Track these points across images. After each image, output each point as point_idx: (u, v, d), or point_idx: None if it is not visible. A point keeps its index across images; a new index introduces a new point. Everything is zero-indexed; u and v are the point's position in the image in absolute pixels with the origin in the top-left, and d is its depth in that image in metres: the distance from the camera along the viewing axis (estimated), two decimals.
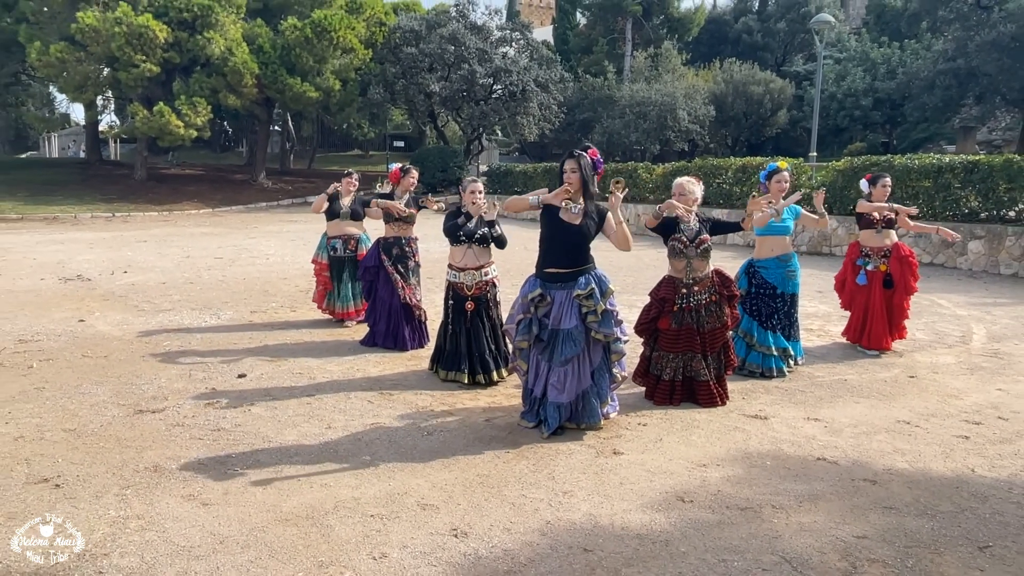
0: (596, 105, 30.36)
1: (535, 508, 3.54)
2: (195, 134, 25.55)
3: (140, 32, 23.48)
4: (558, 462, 4.10)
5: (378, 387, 5.45)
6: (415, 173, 6.76)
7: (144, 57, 23.86)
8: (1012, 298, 9.30)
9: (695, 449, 4.31)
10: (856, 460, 4.16)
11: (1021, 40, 20.26)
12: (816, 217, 6.06)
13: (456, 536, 3.26)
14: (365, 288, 6.84)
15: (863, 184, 6.64)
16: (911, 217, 6.64)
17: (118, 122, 39.48)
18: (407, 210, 6.54)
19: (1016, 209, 11.59)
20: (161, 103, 24.60)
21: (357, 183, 7.50)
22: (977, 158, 12.35)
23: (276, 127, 38.77)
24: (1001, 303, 8.98)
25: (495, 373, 5.52)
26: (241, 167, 35.45)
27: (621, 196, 4.32)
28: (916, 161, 12.90)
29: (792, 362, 5.94)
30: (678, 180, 5.20)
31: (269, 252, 14.23)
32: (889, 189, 6.52)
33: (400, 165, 6.73)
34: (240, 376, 5.70)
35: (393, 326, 6.57)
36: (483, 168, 31.00)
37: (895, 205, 6.55)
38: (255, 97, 26.64)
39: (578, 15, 38.06)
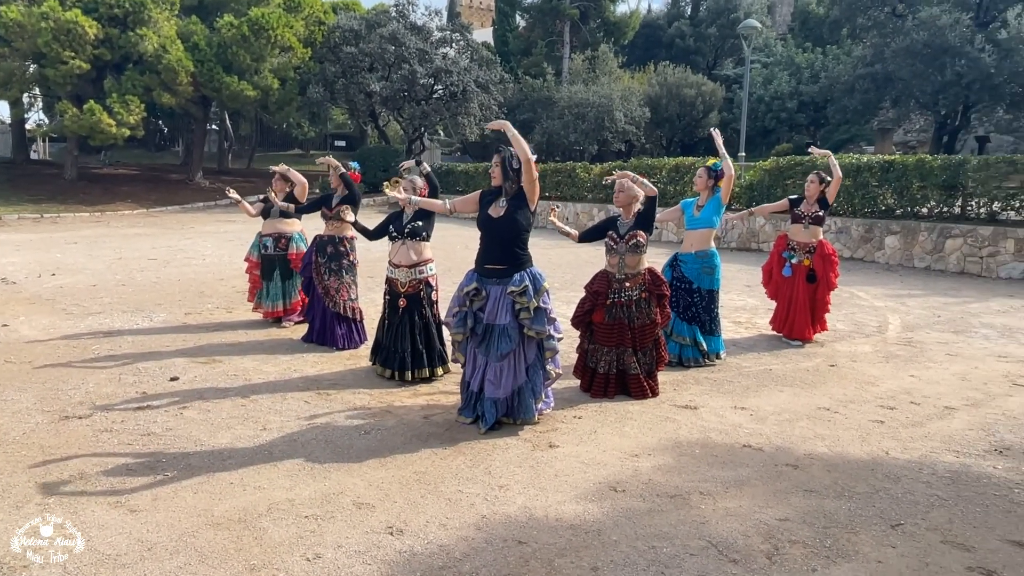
0: (536, 106, 30.61)
1: (471, 503, 3.58)
2: (128, 133, 24.74)
3: (68, 28, 22.62)
4: (495, 457, 4.15)
5: (315, 387, 5.41)
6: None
7: (73, 54, 22.99)
8: (925, 290, 9.80)
9: (628, 440, 4.43)
10: (779, 446, 4.34)
11: (933, 47, 21.30)
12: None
13: (391, 534, 3.28)
14: (304, 284, 6.87)
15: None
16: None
17: (47, 120, 37.78)
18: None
19: (928, 206, 12.21)
20: (92, 101, 23.73)
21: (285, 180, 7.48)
22: (892, 158, 12.96)
23: (213, 126, 37.78)
24: (915, 295, 9.45)
25: (426, 371, 5.51)
26: (177, 166, 34.46)
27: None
28: (835, 161, 13.44)
29: (713, 357, 6.10)
30: (621, 180, 5.28)
31: (205, 252, 13.89)
32: (814, 186, 6.82)
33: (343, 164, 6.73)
34: (172, 379, 5.57)
35: (329, 324, 6.55)
36: (425, 168, 30.83)
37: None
38: (191, 95, 25.95)
39: (517, 17, 38.22)
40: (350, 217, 6.16)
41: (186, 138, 36.60)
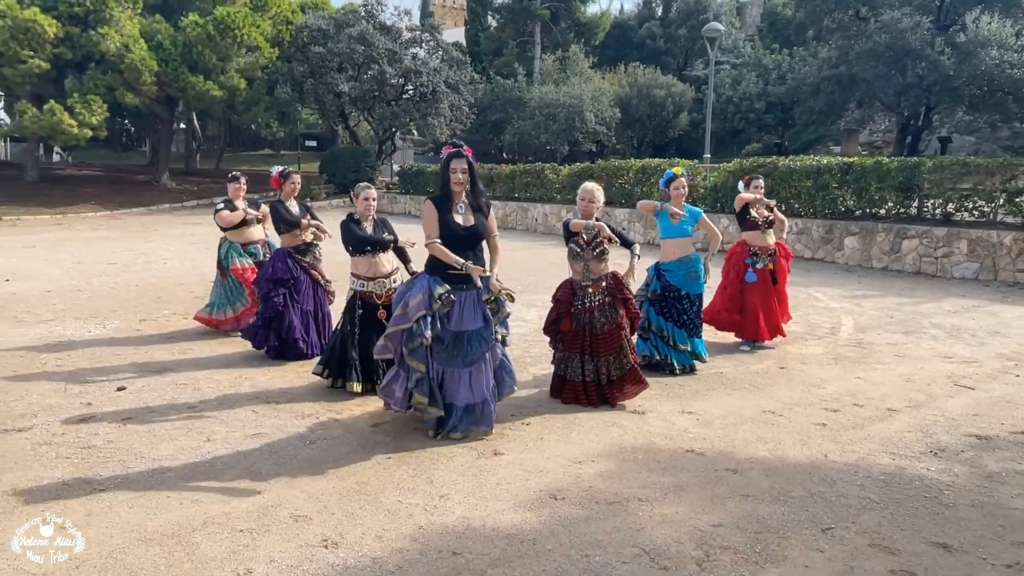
0: (507, 106, 30.67)
1: (410, 513, 3.58)
2: (90, 133, 24.45)
3: (27, 26, 22.36)
4: (439, 465, 4.15)
5: (265, 397, 5.36)
6: (296, 178, 6.49)
7: (32, 52, 22.72)
8: (880, 290, 9.97)
9: (573, 446, 4.45)
10: (722, 450, 4.39)
11: (894, 49, 21.69)
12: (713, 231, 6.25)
13: (326, 547, 3.27)
14: (272, 303, 6.25)
15: (740, 185, 7.00)
16: (769, 209, 6.87)
17: (8, 120, 37.01)
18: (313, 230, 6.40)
19: (886, 207, 12.43)
20: (52, 101, 23.38)
21: (245, 187, 7.33)
22: (851, 160, 13.17)
23: (181, 125, 37.28)
24: (871, 295, 9.60)
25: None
26: (143, 167, 33.96)
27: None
28: (797, 163, 13.65)
29: (701, 359, 6.10)
30: (587, 186, 5.25)
31: (168, 256, 13.71)
32: (762, 190, 6.87)
33: (281, 169, 6.53)
34: (119, 389, 5.49)
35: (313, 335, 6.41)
36: (396, 168, 30.76)
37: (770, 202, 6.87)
38: (155, 95, 25.66)
39: (489, 17, 38.25)
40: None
41: (152, 138, 36.06)
